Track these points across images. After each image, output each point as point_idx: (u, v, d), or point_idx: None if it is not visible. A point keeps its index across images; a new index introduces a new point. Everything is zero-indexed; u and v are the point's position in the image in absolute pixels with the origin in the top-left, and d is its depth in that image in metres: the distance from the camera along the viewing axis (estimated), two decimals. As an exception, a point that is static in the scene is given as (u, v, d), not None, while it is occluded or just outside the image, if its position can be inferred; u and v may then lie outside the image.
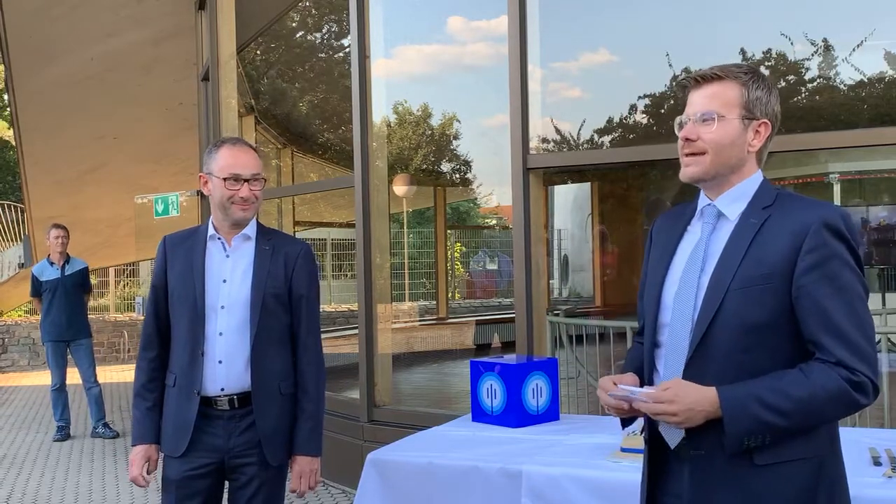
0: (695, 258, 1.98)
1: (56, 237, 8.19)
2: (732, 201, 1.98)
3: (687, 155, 2.00)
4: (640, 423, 3.28)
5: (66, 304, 8.13)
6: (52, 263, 8.23)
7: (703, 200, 2.04)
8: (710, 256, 1.96)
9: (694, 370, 1.92)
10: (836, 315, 1.83)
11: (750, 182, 1.99)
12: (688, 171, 2.00)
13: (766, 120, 1.98)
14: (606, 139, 9.16)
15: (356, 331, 5.91)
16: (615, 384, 1.99)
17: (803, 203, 1.93)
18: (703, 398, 1.85)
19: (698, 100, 1.99)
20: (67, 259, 8.27)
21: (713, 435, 1.88)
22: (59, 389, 8.23)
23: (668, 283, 2.03)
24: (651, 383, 2.04)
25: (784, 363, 1.87)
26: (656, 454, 2.05)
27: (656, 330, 2.04)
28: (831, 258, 1.85)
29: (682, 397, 1.85)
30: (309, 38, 10.48)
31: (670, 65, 6.26)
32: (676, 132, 2.03)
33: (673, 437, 1.99)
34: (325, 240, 17.70)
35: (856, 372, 1.81)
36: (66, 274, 8.19)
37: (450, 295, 16.26)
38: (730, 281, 1.90)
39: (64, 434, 8.23)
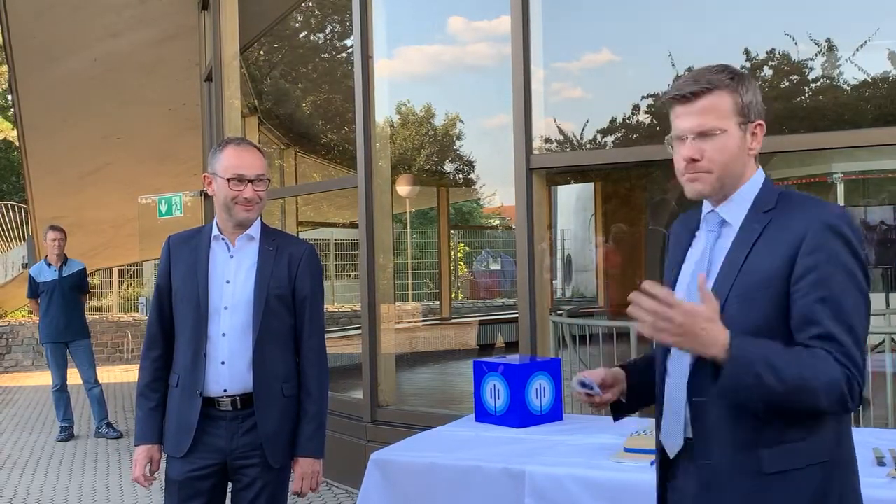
0: (700, 267, 1.98)
1: (53, 239, 8.19)
2: (735, 207, 1.97)
3: (692, 174, 1.95)
4: (643, 423, 3.28)
5: (64, 305, 8.14)
6: (49, 265, 8.24)
7: (706, 207, 2.03)
8: (714, 264, 1.96)
9: (698, 375, 1.91)
10: (835, 313, 1.80)
11: (751, 185, 1.97)
12: (695, 188, 1.96)
13: (760, 121, 1.96)
14: (609, 139, 9.15)
15: (359, 331, 5.92)
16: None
17: (804, 205, 1.90)
18: (716, 331, 1.76)
19: (692, 116, 1.93)
20: (65, 260, 8.27)
21: (717, 445, 1.88)
22: (60, 390, 8.23)
23: (678, 290, 2.02)
24: (663, 385, 2.05)
25: None
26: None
27: None
28: (829, 261, 1.82)
29: (694, 314, 1.74)
30: (312, 38, 10.48)
31: (673, 65, 6.24)
32: (671, 152, 1.99)
33: (672, 447, 2.00)
34: (329, 240, 17.66)
35: (853, 373, 1.79)
36: (63, 275, 8.19)
37: (453, 295, 16.24)
38: (729, 289, 1.89)
39: (67, 434, 8.24)
